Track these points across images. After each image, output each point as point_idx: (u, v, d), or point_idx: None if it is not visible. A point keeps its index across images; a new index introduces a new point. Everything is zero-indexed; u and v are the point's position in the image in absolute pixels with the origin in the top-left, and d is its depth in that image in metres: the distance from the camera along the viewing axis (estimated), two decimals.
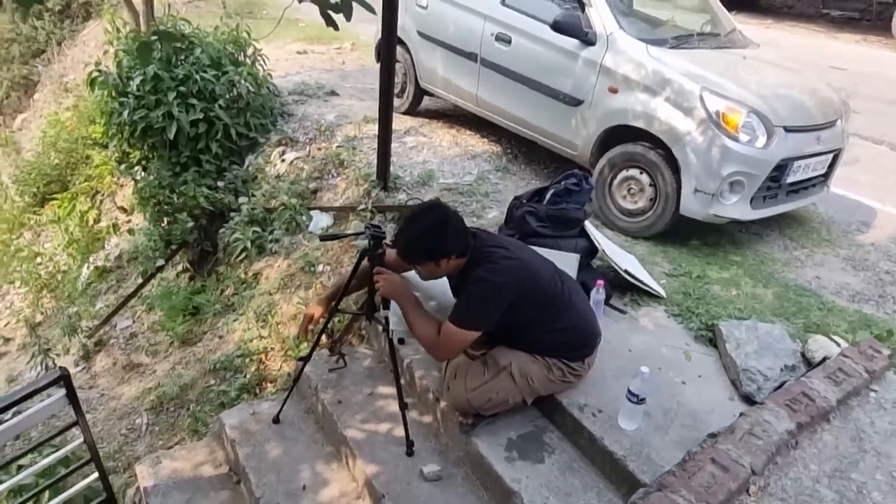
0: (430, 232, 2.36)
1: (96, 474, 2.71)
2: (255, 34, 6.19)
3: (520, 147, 5.10)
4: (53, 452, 2.72)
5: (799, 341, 3.01)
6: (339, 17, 1.95)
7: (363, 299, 2.95)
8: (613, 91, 3.87)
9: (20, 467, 2.80)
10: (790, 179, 3.78)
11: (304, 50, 8.38)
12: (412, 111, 5.68)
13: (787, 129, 3.58)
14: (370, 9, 1.99)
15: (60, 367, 2.52)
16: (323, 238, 2.92)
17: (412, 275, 2.61)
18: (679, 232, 3.92)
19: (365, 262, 2.58)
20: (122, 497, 3.03)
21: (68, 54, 10.91)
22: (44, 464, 2.65)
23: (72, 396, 2.42)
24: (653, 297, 3.33)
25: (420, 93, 5.53)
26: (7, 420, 2.52)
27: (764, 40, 11.40)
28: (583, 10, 4.02)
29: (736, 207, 3.65)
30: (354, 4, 1.87)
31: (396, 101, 5.73)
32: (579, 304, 2.59)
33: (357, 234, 2.85)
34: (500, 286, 2.32)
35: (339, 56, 8.31)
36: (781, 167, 3.65)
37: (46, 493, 2.72)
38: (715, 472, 1.58)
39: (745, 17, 12.63)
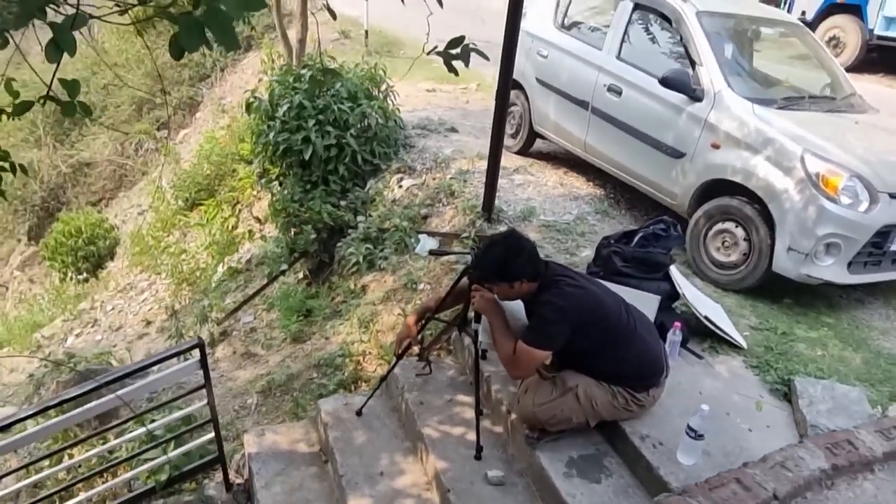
0: (505, 255, 2.66)
1: (212, 434, 3.19)
2: (391, 71, 6.83)
3: (622, 192, 5.28)
4: (179, 412, 3.24)
5: (879, 408, 2.98)
6: (460, 64, 2.32)
7: (455, 315, 3.29)
8: (716, 146, 4.00)
9: (153, 420, 3.34)
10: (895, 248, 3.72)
11: (432, 88, 9.00)
12: (524, 152, 6.02)
13: (894, 196, 3.56)
14: (485, 56, 2.36)
15: (198, 337, 3.04)
16: (432, 253, 3.28)
17: (506, 302, 2.90)
18: (772, 289, 3.94)
19: (464, 280, 2.92)
20: (229, 459, 3.50)
21: (228, 80, 12.30)
22: (174, 417, 3.17)
23: (203, 362, 2.91)
24: (732, 346, 3.41)
25: (533, 135, 5.87)
26: (150, 376, 3.07)
27: None
28: (693, 68, 4.20)
29: (830, 270, 3.64)
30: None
31: (510, 142, 6.12)
32: (646, 338, 2.76)
33: (464, 253, 3.19)
34: (565, 310, 2.56)
35: (463, 95, 8.85)
36: (884, 234, 3.62)
37: (172, 444, 3.23)
38: (737, 489, 1.73)
39: (893, 80, 12.01)
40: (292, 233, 5.79)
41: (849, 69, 12.01)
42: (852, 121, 4.15)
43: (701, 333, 3.45)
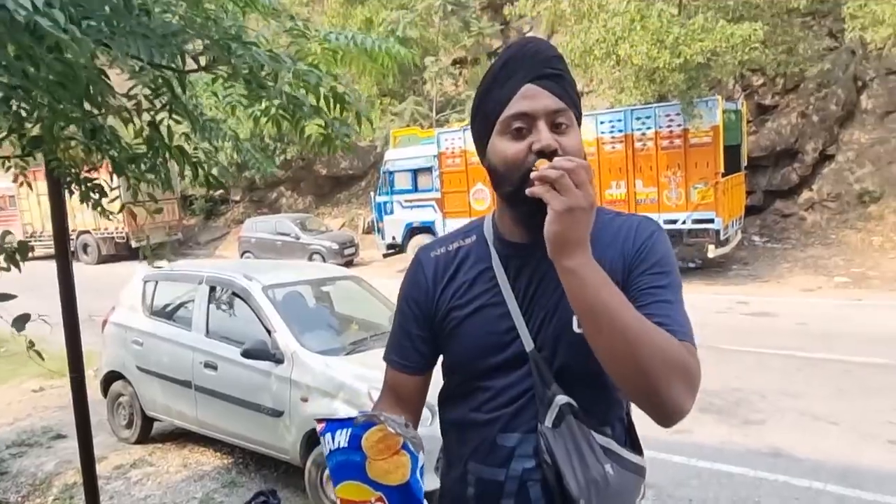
0: None
1: None
2: None
3: (251, 456, 5.37)
4: None
5: None
6: None
7: None
8: (304, 400, 4.45)
9: None
10: None
11: (40, 387, 8.13)
12: (144, 440, 5.77)
13: None
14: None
15: None
16: None
17: None
18: None
19: None
20: None
21: None
22: None
23: None
24: None
25: (148, 421, 5.71)
26: None
27: None
28: (270, 335, 4.72)
29: (427, 479, 4.19)
30: None
31: (126, 433, 5.85)
32: None
33: None
34: None
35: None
36: None
37: None
38: None
39: None
40: None
41: None
42: None
43: None
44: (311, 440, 4.46)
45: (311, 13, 21.01)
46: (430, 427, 4.26)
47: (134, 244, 20.84)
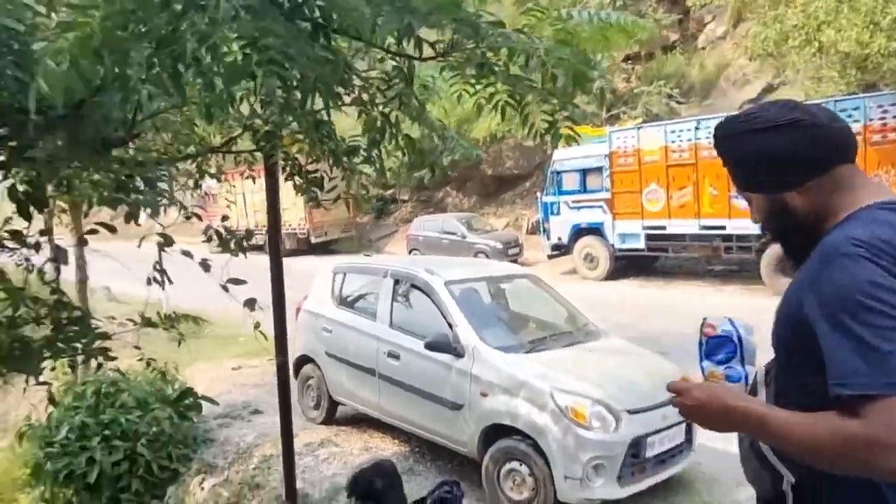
0: None
1: None
2: (197, 354, 6.77)
3: (428, 445, 5.50)
4: None
5: None
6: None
7: None
8: (484, 395, 4.46)
9: None
10: (651, 453, 4.24)
11: (238, 366, 8.99)
12: (329, 421, 6.15)
13: (631, 412, 4.15)
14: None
15: None
16: None
17: None
18: None
19: None
20: None
21: (12, 392, 11.26)
22: None
23: None
24: None
25: (333, 404, 6.07)
26: None
27: (661, 303, 12.51)
28: (452, 329, 4.79)
29: (604, 488, 4.03)
30: None
31: (313, 413, 6.26)
32: None
33: None
34: None
35: (272, 368, 8.92)
36: (637, 444, 4.14)
37: None
38: None
39: (643, 281, 14.25)
40: None
41: (607, 277, 14.19)
42: (587, 350, 4.88)
43: None
44: (490, 436, 4.46)
45: None
46: (612, 433, 4.09)
47: (313, 240, 22.54)
